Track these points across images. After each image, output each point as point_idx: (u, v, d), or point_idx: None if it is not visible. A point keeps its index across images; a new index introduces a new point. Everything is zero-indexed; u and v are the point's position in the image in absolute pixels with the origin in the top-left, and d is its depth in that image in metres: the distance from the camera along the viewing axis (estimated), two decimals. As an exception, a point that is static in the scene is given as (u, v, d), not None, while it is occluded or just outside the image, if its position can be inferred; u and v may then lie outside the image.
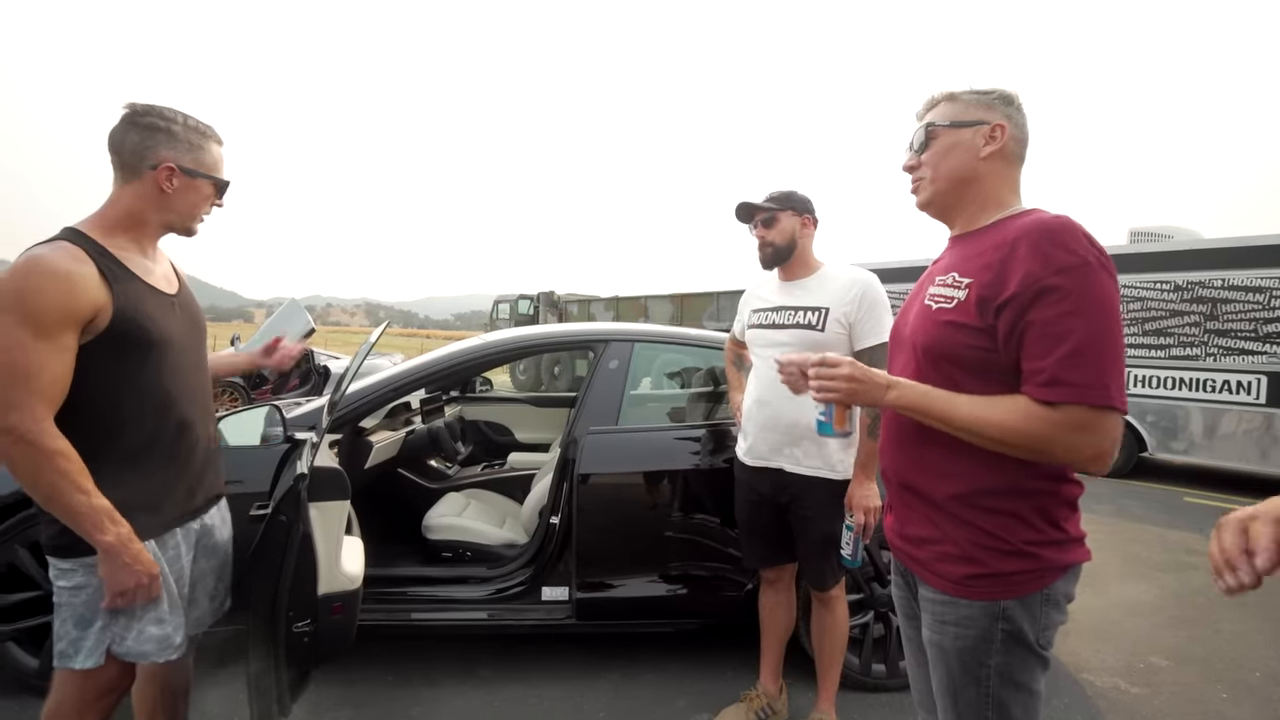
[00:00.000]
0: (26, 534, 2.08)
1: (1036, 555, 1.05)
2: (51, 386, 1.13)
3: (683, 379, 3.43)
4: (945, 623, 1.12)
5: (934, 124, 1.17)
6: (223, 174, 1.38)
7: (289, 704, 1.50)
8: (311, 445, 1.57)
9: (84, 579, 1.23)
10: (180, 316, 1.36)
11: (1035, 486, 1.06)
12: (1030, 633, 1.06)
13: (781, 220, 1.96)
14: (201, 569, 1.44)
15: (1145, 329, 6.35)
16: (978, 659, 1.08)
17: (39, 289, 1.12)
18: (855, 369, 1.11)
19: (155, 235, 1.35)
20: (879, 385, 1.09)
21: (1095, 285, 0.97)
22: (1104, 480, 6.53)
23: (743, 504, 2.09)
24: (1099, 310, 0.97)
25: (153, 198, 1.29)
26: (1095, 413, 0.95)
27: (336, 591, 1.60)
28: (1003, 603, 1.06)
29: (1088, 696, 2.42)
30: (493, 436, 4.20)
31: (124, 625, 1.26)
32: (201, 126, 1.33)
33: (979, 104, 1.14)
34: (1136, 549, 4.26)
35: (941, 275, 1.14)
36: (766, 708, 2.12)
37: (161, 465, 1.31)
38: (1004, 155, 1.13)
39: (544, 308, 15.68)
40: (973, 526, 1.08)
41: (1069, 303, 0.96)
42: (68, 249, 1.18)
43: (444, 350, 2.71)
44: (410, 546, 2.77)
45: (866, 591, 2.36)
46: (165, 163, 1.27)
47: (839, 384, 1.11)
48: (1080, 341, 0.95)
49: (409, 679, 2.35)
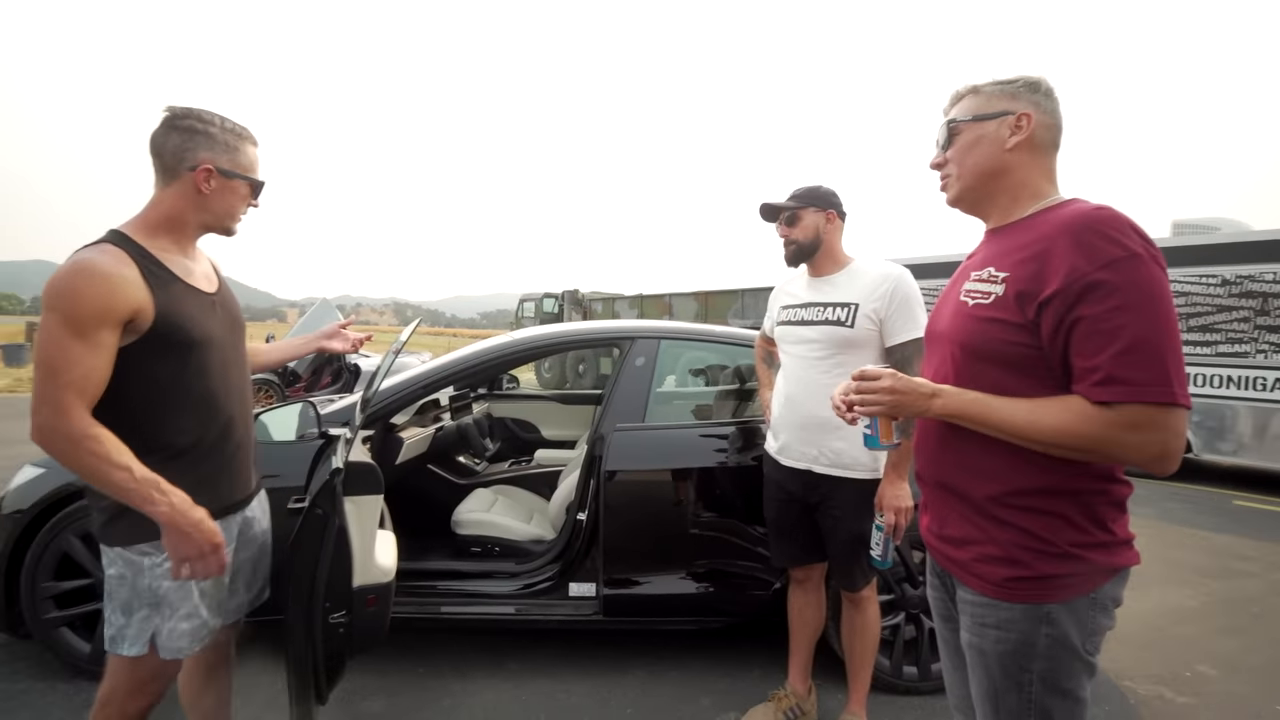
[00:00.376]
0: (79, 524, 2.18)
1: (1083, 558, 1.01)
2: (84, 380, 1.16)
3: (708, 376, 3.42)
4: (985, 625, 1.08)
5: (956, 120, 1.14)
6: (258, 175, 1.40)
7: (326, 691, 1.54)
8: (346, 441, 1.61)
9: (125, 569, 1.28)
10: (220, 315, 1.40)
11: (1081, 486, 1.02)
12: (1076, 638, 1.03)
13: (804, 218, 1.94)
14: (241, 560, 1.48)
15: (1190, 325, 6.12)
16: (1019, 664, 1.05)
17: (80, 290, 1.17)
18: (896, 380, 1.09)
19: (195, 235, 1.39)
20: (923, 394, 1.07)
21: (1146, 278, 0.93)
22: (1146, 482, 6.31)
23: (771, 502, 2.08)
24: (1152, 303, 0.93)
25: (192, 198, 1.32)
26: (1157, 410, 0.92)
27: (371, 584, 1.63)
28: (1047, 606, 1.03)
29: (1130, 705, 2.35)
30: (520, 433, 4.24)
31: (162, 619, 1.30)
32: (238, 128, 1.36)
33: (1002, 94, 1.11)
34: (1181, 554, 4.11)
35: (977, 270, 1.11)
36: (795, 708, 2.10)
37: (205, 461, 1.34)
38: (1032, 144, 1.10)
39: (568, 306, 15.75)
40: (1014, 527, 1.04)
41: (1118, 297, 0.92)
42: (112, 252, 1.22)
43: (472, 348, 2.75)
44: (440, 541, 2.82)
45: (898, 593, 2.32)
46: (204, 164, 1.30)
47: (880, 396, 1.09)
48: (1135, 337, 0.92)
49: (439, 671, 2.39)
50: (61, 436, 1.14)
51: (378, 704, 2.18)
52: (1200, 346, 6.09)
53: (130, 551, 1.27)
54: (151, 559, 1.28)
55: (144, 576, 1.28)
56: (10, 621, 2.21)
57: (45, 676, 2.23)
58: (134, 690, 1.32)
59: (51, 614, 2.19)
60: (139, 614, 1.29)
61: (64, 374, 1.14)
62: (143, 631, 1.29)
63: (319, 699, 1.51)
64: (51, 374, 1.15)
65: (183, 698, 1.55)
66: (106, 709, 1.31)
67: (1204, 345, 6.07)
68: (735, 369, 3.12)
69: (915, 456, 1.25)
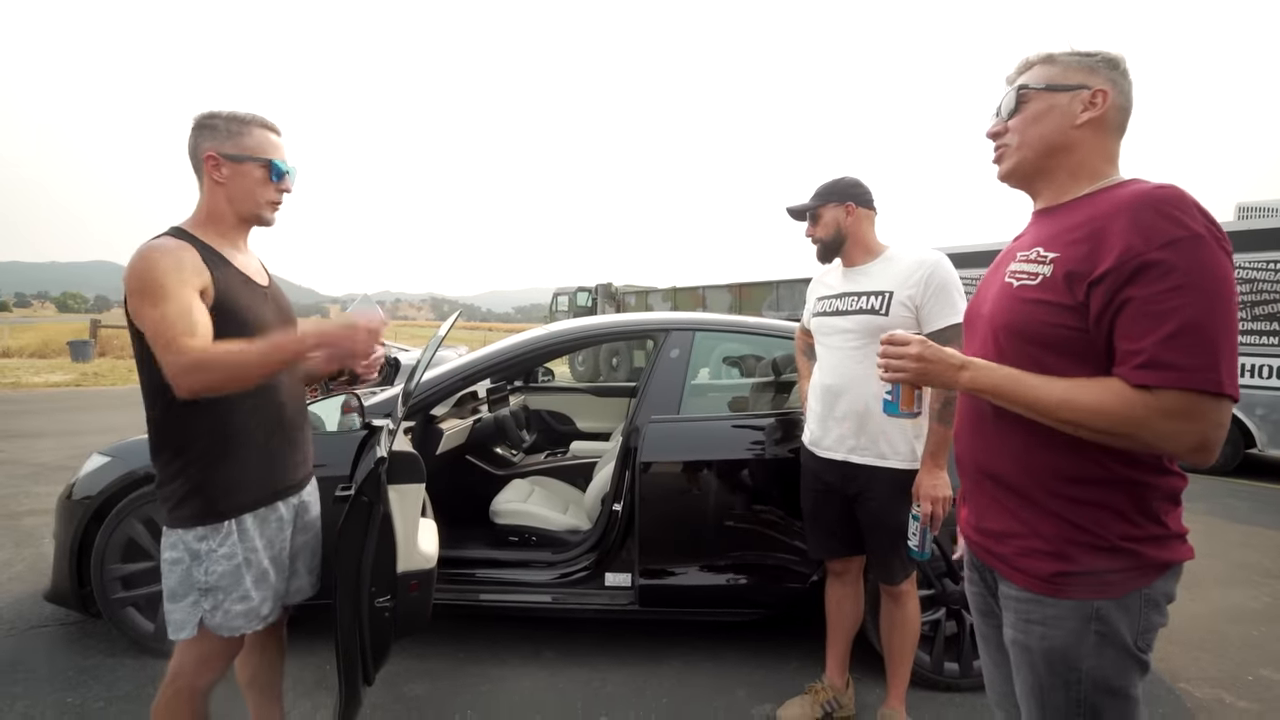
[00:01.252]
0: (142, 510, 2.30)
1: (1134, 552, 0.97)
2: (183, 324, 1.21)
3: (743, 368, 3.39)
4: (1031, 622, 1.04)
5: (1028, 86, 1.06)
6: (272, 156, 1.40)
7: (373, 673, 1.59)
8: (389, 431, 1.65)
9: (180, 554, 1.34)
10: (273, 307, 1.47)
11: (1131, 476, 0.97)
12: (1128, 636, 0.98)
13: (824, 215, 1.94)
14: (299, 543, 1.55)
15: (1255, 314, 5.78)
16: (1068, 662, 1.01)
17: (152, 265, 1.25)
18: (925, 348, 1.07)
19: (239, 230, 1.44)
20: (951, 365, 1.04)
21: (1207, 259, 0.88)
22: (1205, 478, 6.01)
23: (808, 494, 2.06)
24: (1210, 287, 0.87)
25: (216, 191, 1.38)
26: (1200, 398, 0.87)
27: (414, 570, 1.67)
28: (1096, 603, 0.98)
29: (1186, 708, 2.25)
30: (555, 425, 4.29)
31: (212, 602, 1.35)
32: (244, 115, 1.39)
33: (1080, 67, 1.04)
34: (1243, 553, 3.91)
35: (1024, 251, 1.06)
36: (832, 701, 2.08)
37: (266, 442, 1.41)
38: (1103, 124, 1.03)
39: (602, 299, 15.79)
40: (1061, 519, 1.00)
41: (1175, 278, 0.87)
42: (171, 239, 1.32)
43: (510, 341, 2.78)
44: (478, 530, 2.88)
45: (938, 588, 2.27)
46: (208, 153, 1.35)
47: (907, 363, 1.07)
48: (1186, 321, 0.86)
49: (478, 657, 2.44)
50: (189, 375, 1.20)
51: (420, 687, 2.24)
52: (1266, 336, 5.76)
53: (192, 535, 1.33)
54: (209, 544, 1.34)
55: (201, 563, 1.34)
56: (82, 601, 2.35)
57: (114, 653, 2.37)
58: (200, 665, 1.39)
59: (119, 594, 2.32)
60: (187, 599, 1.35)
61: (168, 328, 1.21)
62: (190, 616, 1.35)
63: (366, 680, 1.56)
64: (158, 335, 1.22)
65: (239, 676, 1.63)
66: (177, 682, 1.39)
67: (1271, 335, 5.73)
68: (771, 360, 3.09)
69: (955, 443, 1.21)
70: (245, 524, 1.39)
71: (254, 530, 1.40)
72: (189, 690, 1.39)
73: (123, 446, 2.47)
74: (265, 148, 1.40)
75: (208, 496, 1.34)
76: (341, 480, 1.71)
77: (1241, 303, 5.83)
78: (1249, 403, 5.85)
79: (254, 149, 1.39)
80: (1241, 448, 5.91)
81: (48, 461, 5.38)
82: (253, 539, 1.40)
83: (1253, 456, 6.05)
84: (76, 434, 6.53)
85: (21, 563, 3.21)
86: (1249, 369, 5.84)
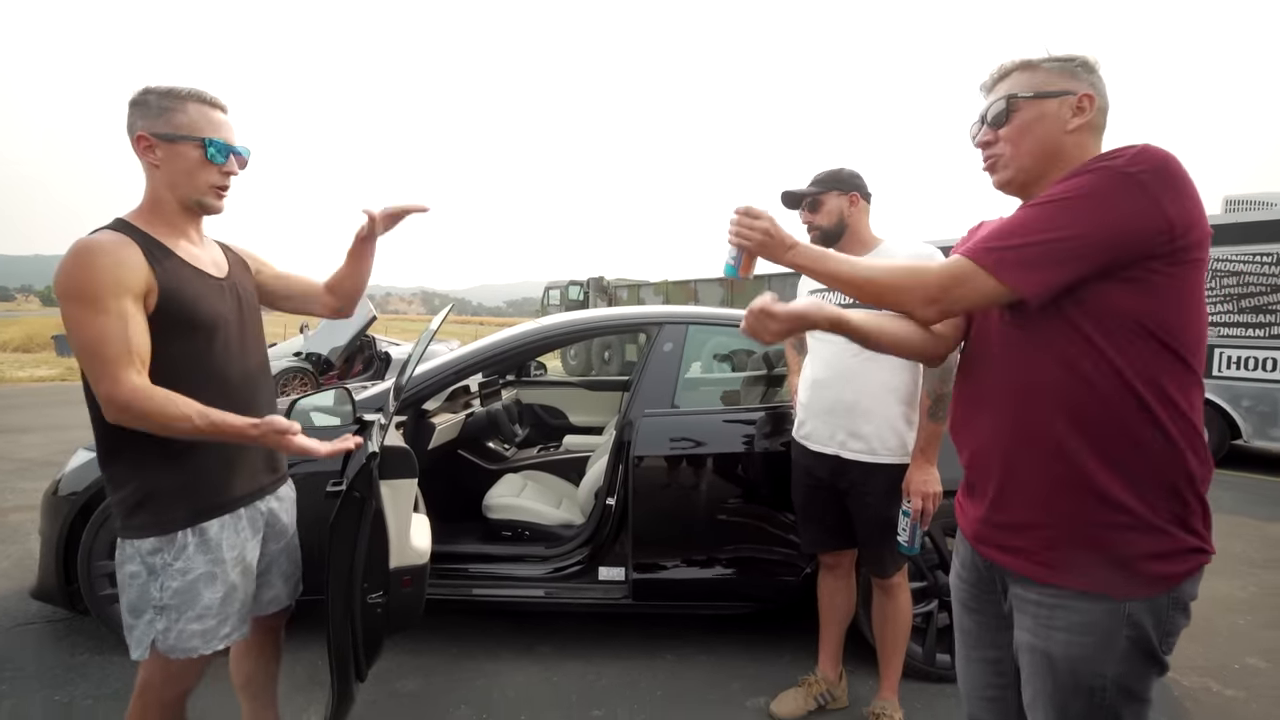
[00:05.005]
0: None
1: (1168, 553, 0.94)
2: (126, 348, 1.15)
3: (735, 361, 3.38)
4: (1054, 628, 0.99)
5: (1016, 95, 1.05)
6: (203, 133, 1.25)
7: (366, 669, 1.58)
8: (380, 426, 1.63)
9: (137, 567, 1.26)
10: (231, 300, 1.37)
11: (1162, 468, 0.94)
12: (1155, 639, 0.96)
13: (827, 202, 1.90)
14: (273, 551, 1.48)
15: (1241, 306, 5.84)
16: (1093, 669, 0.96)
17: (86, 267, 1.15)
18: (772, 225, 1.15)
19: (185, 218, 1.32)
20: (784, 244, 1.14)
21: (1100, 178, 0.92)
22: (1191, 469, 6.07)
23: (800, 488, 2.06)
24: (1070, 195, 0.94)
25: (154, 175, 1.26)
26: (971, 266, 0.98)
27: (406, 565, 1.66)
28: (1128, 606, 0.95)
29: (1174, 697, 2.29)
30: (547, 419, 4.27)
31: (166, 622, 1.27)
32: (178, 89, 1.25)
33: (1061, 72, 1.03)
34: (1229, 543, 3.96)
35: None
36: (826, 693, 2.10)
37: (224, 445, 1.30)
38: (1092, 127, 1.04)
39: (594, 293, 15.77)
40: (1086, 518, 0.97)
41: (1056, 189, 0.96)
42: (111, 233, 1.21)
43: (503, 334, 2.77)
44: (471, 525, 2.86)
45: (930, 579, 2.29)
46: (139, 133, 1.24)
47: (754, 234, 1.15)
48: (1020, 221, 0.98)
49: (472, 652, 2.44)
50: (120, 406, 1.15)
51: (413, 683, 2.24)
52: (1251, 329, 5.81)
53: (146, 547, 1.26)
54: (163, 558, 1.26)
55: (156, 577, 1.26)
56: (69, 598, 2.32)
57: (102, 650, 2.34)
58: (167, 681, 1.32)
59: (106, 591, 2.28)
60: (144, 617, 1.27)
61: (104, 349, 1.14)
62: (146, 635, 1.27)
63: (359, 676, 1.55)
64: (93, 355, 1.14)
65: (234, 679, 1.60)
66: (145, 695, 1.32)
67: (1257, 327, 5.79)
68: (763, 354, 3.09)
69: (959, 432, 1.17)
70: (208, 534, 1.30)
71: (220, 540, 1.31)
72: (158, 704, 1.32)
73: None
74: (200, 125, 1.25)
75: (161, 504, 1.26)
76: (333, 476, 1.69)
77: (1228, 295, 5.89)
78: (1234, 394, 5.92)
79: (188, 127, 1.24)
80: (1228, 439, 5.98)
81: (33, 457, 5.32)
82: (219, 550, 1.31)
83: (1238, 448, 6.13)
84: (62, 429, 6.45)
85: (7, 559, 3.17)
86: (1236, 361, 5.90)
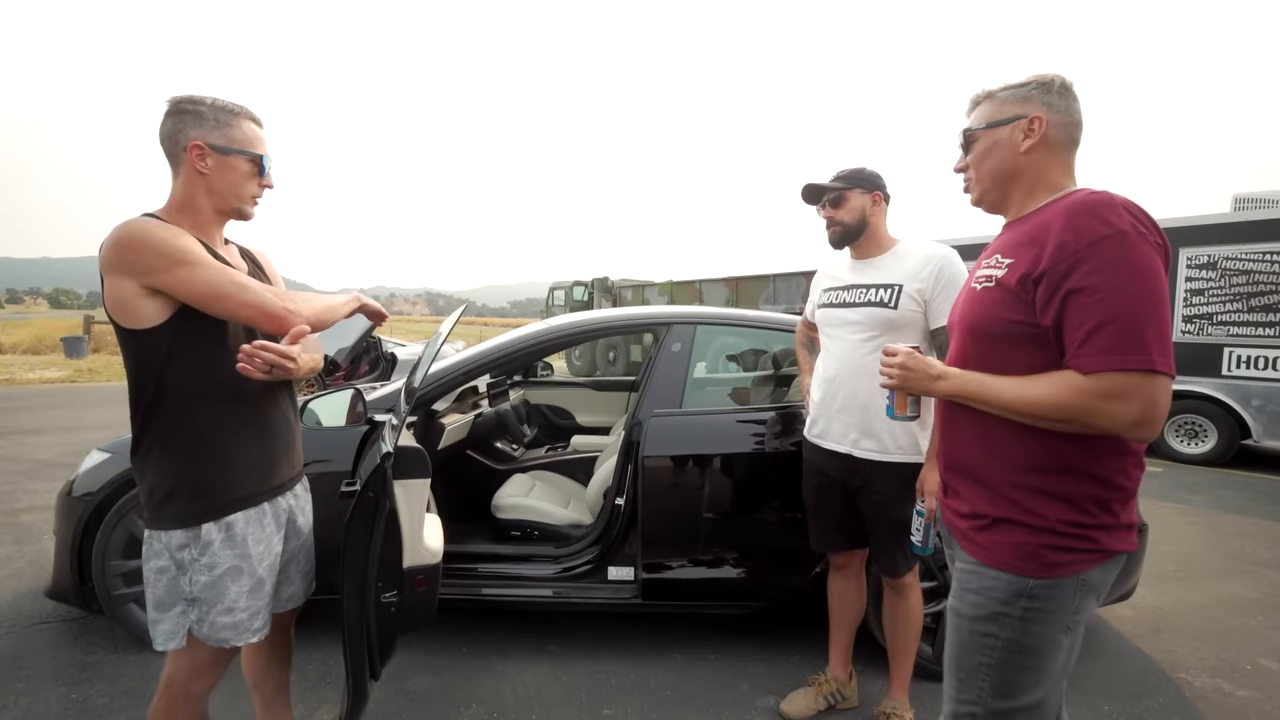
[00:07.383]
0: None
1: (1084, 537, 1.05)
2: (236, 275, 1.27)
3: (744, 362, 3.39)
4: (966, 590, 1.15)
5: (971, 129, 1.21)
6: (258, 150, 1.36)
7: (379, 667, 1.59)
8: (393, 426, 1.64)
9: (165, 562, 1.30)
10: None
11: (1082, 465, 1.05)
12: (1056, 616, 1.07)
13: (851, 199, 1.90)
14: (292, 548, 1.50)
15: (1251, 305, 5.80)
16: (987, 628, 1.11)
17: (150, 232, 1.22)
18: (909, 358, 1.21)
19: (215, 223, 1.37)
20: (929, 375, 1.17)
21: (1131, 252, 0.98)
22: (1201, 469, 6.06)
23: (810, 487, 2.06)
24: (1134, 276, 0.97)
25: (195, 181, 1.31)
26: (1135, 377, 0.96)
27: (420, 565, 1.67)
28: (1030, 581, 1.07)
29: (1186, 698, 2.27)
30: (555, 420, 4.29)
31: (199, 613, 1.31)
32: (231, 106, 1.33)
33: (1014, 99, 1.16)
34: (1240, 543, 3.93)
35: (988, 259, 1.19)
36: (836, 693, 2.10)
37: (248, 440, 1.36)
38: (1047, 144, 1.14)
39: (598, 294, 15.79)
40: (1012, 502, 1.10)
41: (1103, 274, 0.98)
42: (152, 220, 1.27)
43: (512, 334, 2.77)
44: (480, 525, 2.87)
45: (940, 579, 2.28)
46: (194, 142, 1.29)
47: (893, 371, 1.22)
48: (1115, 310, 0.97)
49: (482, 651, 2.45)
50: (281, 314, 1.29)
51: (424, 682, 2.25)
52: (1261, 328, 5.78)
53: (175, 541, 1.29)
54: (190, 552, 1.30)
55: (185, 572, 1.30)
56: (83, 598, 2.34)
57: (117, 649, 2.36)
58: (194, 673, 1.35)
59: (120, 591, 2.31)
60: (175, 609, 1.31)
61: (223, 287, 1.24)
62: (178, 627, 1.31)
63: (373, 674, 1.56)
64: (221, 296, 1.24)
65: (247, 676, 1.62)
66: (171, 689, 1.35)
67: (1266, 326, 5.76)
68: (772, 354, 3.09)
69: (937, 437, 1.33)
70: (234, 529, 1.33)
71: (245, 535, 1.35)
72: (184, 698, 1.36)
73: (122, 443, 2.45)
74: (254, 141, 1.36)
75: (189, 497, 1.29)
76: (347, 476, 1.71)
77: (1238, 294, 5.86)
78: (1244, 393, 5.88)
79: (243, 142, 1.34)
80: (1237, 439, 5.95)
81: (46, 458, 5.36)
82: (244, 545, 1.35)
83: (1248, 448, 6.09)
84: (73, 430, 6.50)
85: (22, 559, 3.20)
86: (1246, 361, 5.87)
